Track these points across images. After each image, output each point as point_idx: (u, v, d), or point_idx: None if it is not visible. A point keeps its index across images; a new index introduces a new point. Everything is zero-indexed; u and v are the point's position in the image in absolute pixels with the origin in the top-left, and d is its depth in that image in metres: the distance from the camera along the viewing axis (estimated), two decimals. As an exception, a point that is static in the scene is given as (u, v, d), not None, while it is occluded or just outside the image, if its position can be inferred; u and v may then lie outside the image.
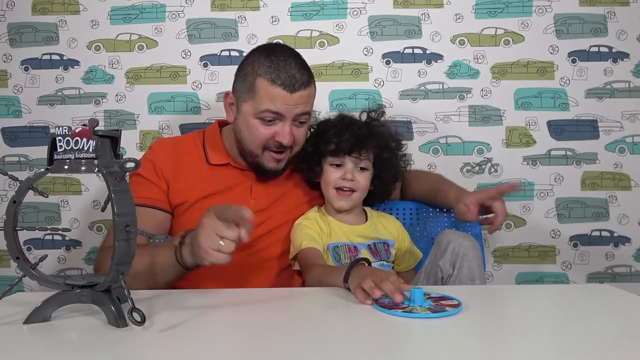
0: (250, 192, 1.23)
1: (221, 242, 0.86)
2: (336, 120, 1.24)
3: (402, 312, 0.77)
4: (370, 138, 1.20)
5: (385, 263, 1.21)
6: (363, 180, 1.20)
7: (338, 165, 1.20)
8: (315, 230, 1.18)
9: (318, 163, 1.22)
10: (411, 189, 1.39)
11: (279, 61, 1.14)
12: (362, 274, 0.89)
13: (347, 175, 1.18)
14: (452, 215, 1.36)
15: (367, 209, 1.29)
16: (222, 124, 1.32)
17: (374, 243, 1.21)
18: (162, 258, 1.02)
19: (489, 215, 1.21)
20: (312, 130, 1.27)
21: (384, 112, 1.28)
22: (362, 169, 1.21)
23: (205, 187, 1.20)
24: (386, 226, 1.27)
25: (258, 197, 1.22)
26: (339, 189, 1.19)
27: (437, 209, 1.39)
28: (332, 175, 1.20)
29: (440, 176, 1.40)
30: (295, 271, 1.21)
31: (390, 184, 1.27)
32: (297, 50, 1.20)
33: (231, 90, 1.23)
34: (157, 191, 1.19)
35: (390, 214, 1.37)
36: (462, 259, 1.05)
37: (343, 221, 1.22)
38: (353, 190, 1.19)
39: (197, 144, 1.28)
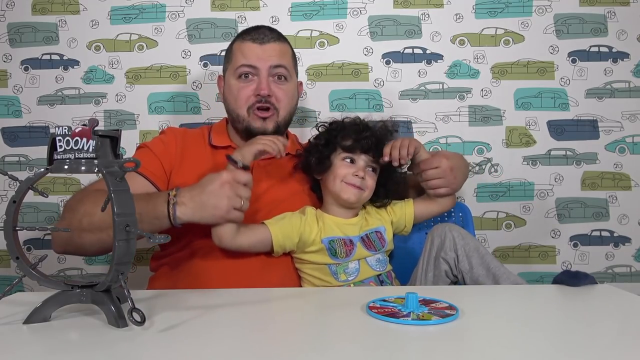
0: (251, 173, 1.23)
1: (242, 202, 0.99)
2: (353, 119, 1.25)
3: (397, 318, 0.75)
4: (388, 142, 1.20)
5: (380, 258, 1.21)
6: (371, 181, 1.20)
7: (350, 161, 1.20)
8: (300, 226, 1.16)
9: (328, 157, 1.21)
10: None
11: (252, 27, 1.29)
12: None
13: (360, 172, 1.17)
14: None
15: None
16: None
17: (367, 234, 1.21)
18: (150, 208, 1.01)
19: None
20: (323, 126, 1.27)
21: (397, 131, 1.28)
22: (372, 169, 1.21)
23: (206, 170, 1.21)
24: (376, 211, 1.27)
25: (258, 179, 1.21)
26: (348, 183, 1.19)
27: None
28: (343, 169, 1.19)
29: None
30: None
31: (388, 197, 1.27)
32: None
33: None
34: (158, 167, 1.22)
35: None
36: (462, 240, 1.11)
37: (336, 215, 1.22)
38: (361, 189, 1.19)
39: (204, 132, 1.34)
